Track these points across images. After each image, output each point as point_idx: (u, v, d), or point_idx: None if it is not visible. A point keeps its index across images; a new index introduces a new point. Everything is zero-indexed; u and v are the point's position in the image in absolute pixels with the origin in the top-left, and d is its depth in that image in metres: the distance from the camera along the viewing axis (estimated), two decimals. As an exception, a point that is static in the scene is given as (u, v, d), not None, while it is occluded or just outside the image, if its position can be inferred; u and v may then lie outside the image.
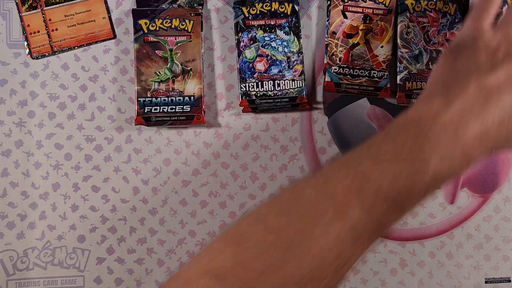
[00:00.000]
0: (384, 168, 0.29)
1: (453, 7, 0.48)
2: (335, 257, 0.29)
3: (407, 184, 0.29)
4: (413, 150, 0.30)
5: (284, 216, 0.30)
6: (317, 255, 0.29)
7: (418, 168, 0.29)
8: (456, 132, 0.30)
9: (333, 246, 0.29)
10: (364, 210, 0.29)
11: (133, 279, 0.47)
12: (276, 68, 0.46)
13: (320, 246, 0.29)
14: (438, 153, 0.29)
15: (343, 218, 0.29)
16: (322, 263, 0.29)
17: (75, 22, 0.47)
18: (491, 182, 0.49)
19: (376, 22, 0.47)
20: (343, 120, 0.48)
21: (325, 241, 0.29)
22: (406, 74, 0.47)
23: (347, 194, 0.30)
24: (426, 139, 0.30)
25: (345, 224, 0.29)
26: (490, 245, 0.49)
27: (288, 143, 0.48)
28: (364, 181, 0.29)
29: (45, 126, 0.47)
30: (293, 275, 0.28)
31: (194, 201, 0.47)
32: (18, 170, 0.46)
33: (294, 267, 0.29)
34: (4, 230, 0.46)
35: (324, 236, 0.29)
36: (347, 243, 0.29)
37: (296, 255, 0.29)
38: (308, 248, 0.29)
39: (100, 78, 0.47)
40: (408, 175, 0.29)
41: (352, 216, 0.29)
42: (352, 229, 0.29)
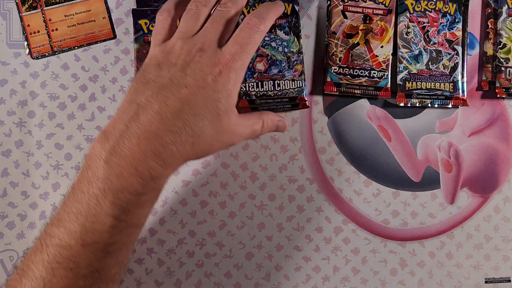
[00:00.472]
0: (70, 219, 0.33)
1: (453, 7, 0.48)
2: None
3: (91, 220, 0.33)
4: (87, 191, 0.33)
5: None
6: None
7: (95, 203, 0.33)
8: (117, 154, 0.33)
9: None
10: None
11: (133, 279, 0.47)
12: (276, 68, 0.46)
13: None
14: (103, 182, 0.33)
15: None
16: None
17: (75, 22, 0.47)
18: (491, 182, 0.49)
19: (376, 22, 0.47)
20: (343, 120, 0.48)
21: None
22: (406, 74, 0.47)
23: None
24: (92, 174, 0.33)
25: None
26: (490, 245, 0.49)
27: (288, 143, 0.48)
28: (49, 237, 0.33)
29: (45, 126, 0.47)
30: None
31: (194, 201, 0.47)
32: (18, 170, 0.46)
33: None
34: (4, 230, 0.46)
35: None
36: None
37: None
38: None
39: (100, 78, 0.47)
40: (87, 215, 0.33)
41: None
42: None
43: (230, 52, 0.36)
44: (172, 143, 0.33)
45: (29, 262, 0.33)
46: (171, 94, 0.34)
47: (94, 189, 0.33)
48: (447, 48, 0.47)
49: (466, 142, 0.49)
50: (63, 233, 0.33)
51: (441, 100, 0.47)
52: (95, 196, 0.32)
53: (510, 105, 0.49)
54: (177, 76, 0.35)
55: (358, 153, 0.48)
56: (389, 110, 0.48)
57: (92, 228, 0.32)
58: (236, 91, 0.36)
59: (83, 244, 0.32)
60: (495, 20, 0.48)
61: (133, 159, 0.32)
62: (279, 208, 0.48)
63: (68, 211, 0.33)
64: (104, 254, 0.33)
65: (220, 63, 0.35)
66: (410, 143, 0.48)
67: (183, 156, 0.34)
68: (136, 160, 0.32)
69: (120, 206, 0.33)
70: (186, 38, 0.37)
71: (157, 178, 0.34)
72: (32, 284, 0.32)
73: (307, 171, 0.48)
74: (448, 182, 0.49)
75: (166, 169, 0.34)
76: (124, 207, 0.33)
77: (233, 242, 0.48)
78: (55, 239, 0.33)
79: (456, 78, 0.47)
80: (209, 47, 0.36)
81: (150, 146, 0.33)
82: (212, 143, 0.36)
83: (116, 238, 0.33)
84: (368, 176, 0.48)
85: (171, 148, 0.33)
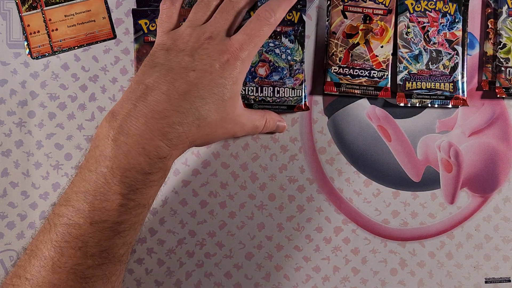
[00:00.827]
0: (79, 198, 0.33)
1: (453, 7, 0.48)
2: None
3: (99, 199, 0.33)
4: (95, 169, 0.33)
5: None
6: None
7: (103, 181, 0.33)
8: (125, 133, 0.33)
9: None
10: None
11: (133, 279, 0.47)
12: (278, 75, 0.46)
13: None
14: (111, 161, 0.33)
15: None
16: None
17: (75, 22, 0.47)
18: (491, 182, 0.49)
19: (376, 22, 0.47)
20: (343, 120, 0.48)
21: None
22: (406, 74, 0.47)
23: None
24: (100, 154, 0.34)
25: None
26: (490, 245, 0.49)
27: (288, 143, 0.48)
28: (58, 217, 0.34)
29: (45, 126, 0.47)
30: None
31: (194, 201, 0.47)
32: (18, 170, 0.46)
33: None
34: (4, 230, 0.46)
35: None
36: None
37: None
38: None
39: (100, 78, 0.47)
40: (96, 194, 0.33)
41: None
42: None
43: (238, 42, 0.37)
44: (179, 123, 0.34)
45: (38, 242, 0.33)
46: (179, 76, 0.35)
47: (102, 167, 0.33)
48: (447, 48, 0.47)
49: (466, 142, 0.49)
50: (72, 212, 0.33)
51: (441, 100, 0.47)
52: (103, 175, 0.33)
53: (510, 105, 0.49)
54: (185, 60, 0.36)
55: (358, 153, 0.48)
56: (389, 110, 0.48)
57: (101, 207, 0.32)
58: (241, 80, 0.37)
59: (91, 223, 0.32)
60: (495, 20, 0.48)
61: (141, 137, 0.33)
62: (279, 208, 0.48)
63: (76, 191, 0.33)
64: (113, 233, 0.33)
65: (228, 51, 0.36)
66: (410, 143, 0.48)
67: (189, 137, 0.35)
68: (143, 139, 0.33)
69: (128, 184, 0.33)
70: (195, 26, 0.38)
71: (164, 157, 0.34)
72: (41, 264, 0.32)
73: (307, 171, 0.48)
74: (448, 182, 0.49)
75: (172, 149, 0.34)
76: (132, 185, 0.33)
77: (233, 242, 0.48)
78: (64, 218, 0.33)
79: (456, 78, 0.47)
80: (217, 35, 0.37)
81: (157, 126, 0.33)
82: (216, 129, 0.37)
83: (124, 217, 0.33)
84: (368, 176, 0.48)
85: (178, 128, 0.34)
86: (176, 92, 0.34)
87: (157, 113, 0.33)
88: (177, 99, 0.34)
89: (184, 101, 0.34)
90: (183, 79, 0.35)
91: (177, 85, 0.34)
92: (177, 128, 0.34)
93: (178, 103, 0.34)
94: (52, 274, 0.32)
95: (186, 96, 0.34)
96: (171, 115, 0.34)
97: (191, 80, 0.35)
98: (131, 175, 0.33)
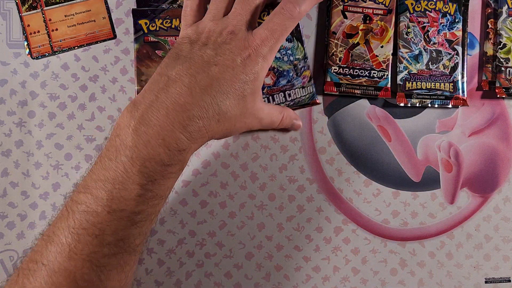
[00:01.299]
0: (98, 186, 0.33)
1: (453, 7, 0.48)
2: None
3: (118, 188, 0.33)
4: (115, 158, 0.34)
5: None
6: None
7: (122, 170, 0.33)
8: (146, 123, 0.33)
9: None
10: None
11: (133, 279, 0.47)
12: (284, 79, 0.46)
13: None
14: (131, 150, 0.33)
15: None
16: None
17: (75, 22, 0.47)
18: (491, 182, 0.49)
19: (376, 22, 0.47)
20: (343, 120, 0.48)
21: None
22: (406, 74, 0.47)
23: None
24: (121, 141, 0.34)
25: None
26: (490, 245, 0.49)
27: (288, 143, 0.48)
28: (76, 204, 0.34)
29: (45, 126, 0.47)
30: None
31: (194, 201, 0.47)
32: (18, 170, 0.46)
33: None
34: (4, 230, 0.46)
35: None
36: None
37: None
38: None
39: (100, 78, 0.47)
40: (115, 182, 0.33)
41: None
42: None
43: (260, 37, 0.37)
44: (199, 117, 0.34)
45: (55, 228, 0.33)
46: (201, 70, 0.35)
47: (122, 156, 0.33)
48: (447, 48, 0.47)
49: (466, 142, 0.49)
50: (90, 199, 0.33)
51: (441, 100, 0.47)
52: (123, 164, 0.33)
53: (510, 105, 0.49)
54: (208, 54, 0.36)
55: (358, 153, 0.48)
56: (389, 110, 0.48)
57: (119, 196, 0.33)
58: (262, 76, 0.38)
59: (109, 211, 0.32)
60: (495, 20, 0.48)
61: (161, 128, 0.33)
62: (279, 208, 0.48)
63: (96, 178, 0.33)
64: (130, 223, 0.33)
65: (250, 47, 0.36)
66: (410, 143, 0.48)
67: (208, 132, 0.35)
68: (164, 130, 0.33)
69: (147, 175, 0.33)
70: (217, 20, 0.38)
71: (183, 150, 0.34)
72: (57, 250, 0.32)
73: (307, 171, 0.48)
74: (448, 182, 0.49)
75: (192, 143, 0.35)
76: (151, 176, 0.33)
77: (233, 242, 0.48)
78: (82, 205, 0.33)
79: (456, 78, 0.47)
80: (240, 30, 0.37)
81: (178, 118, 0.33)
82: (235, 123, 0.37)
83: (141, 207, 0.33)
84: (368, 176, 0.48)
85: (198, 122, 0.34)
86: (198, 86, 0.34)
87: (178, 106, 0.34)
88: (199, 93, 0.34)
89: (205, 95, 0.34)
90: (205, 73, 0.35)
91: (199, 79, 0.35)
92: (198, 122, 0.34)
93: (200, 96, 0.34)
94: (69, 261, 0.32)
95: (207, 90, 0.34)
96: (192, 108, 0.34)
97: (213, 74, 0.35)
98: (150, 165, 0.33)
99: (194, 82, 0.35)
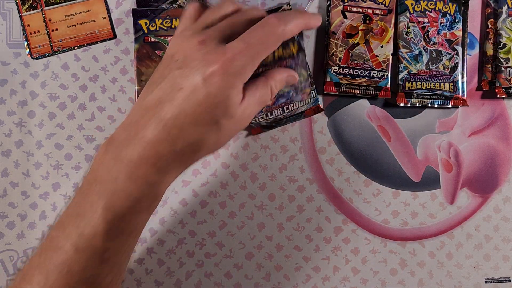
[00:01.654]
0: (68, 221, 0.33)
1: (453, 7, 0.48)
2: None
3: (84, 224, 0.32)
4: (85, 193, 0.33)
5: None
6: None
7: (90, 206, 0.32)
8: (117, 159, 0.32)
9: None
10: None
11: (133, 279, 0.47)
12: (284, 98, 0.46)
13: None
14: (100, 185, 0.32)
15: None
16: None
17: (75, 22, 0.47)
18: (491, 182, 0.49)
19: (376, 22, 0.47)
20: (343, 120, 0.48)
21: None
22: (406, 74, 0.47)
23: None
24: (93, 178, 0.33)
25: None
26: (490, 245, 0.49)
27: (288, 143, 0.48)
28: (49, 241, 0.33)
29: (45, 126, 0.47)
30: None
31: (194, 201, 0.47)
32: (18, 170, 0.46)
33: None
34: (4, 230, 0.46)
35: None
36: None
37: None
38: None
39: (100, 78, 0.47)
40: (82, 218, 0.32)
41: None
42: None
43: (233, 50, 0.32)
44: (169, 152, 0.32)
45: (29, 265, 0.33)
46: (168, 99, 0.32)
47: (91, 191, 0.32)
48: (447, 48, 0.47)
49: (466, 142, 0.49)
50: (60, 236, 0.32)
51: (441, 100, 0.47)
52: (91, 199, 0.32)
53: (510, 105, 0.49)
54: (175, 75, 0.33)
55: (358, 153, 0.48)
56: (389, 110, 0.48)
57: (86, 232, 0.32)
58: (235, 94, 0.33)
59: (77, 249, 0.32)
60: (495, 20, 0.48)
61: (130, 163, 0.32)
62: (279, 208, 0.48)
63: (68, 214, 0.33)
64: (98, 260, 0.32)
65: (217, 61, 0.31)
66: (410, 143, 0.48)
67: (182, 163, 0.34)
68: (133, 165, 0.32)
69: (114, 211, 0.32)
70: (197, 29, 0.35)
71: (154, 184, 0.33)
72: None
73: (307, 171, 0.48)
74: (448, 182, 0.49)
75: (163, 176, 0.33)
76: (118, 212, 0.32)
77: (233, 242, 0.48)
78: (52, 242, 0.33)
79: (456, 78, 0.47)
80: (211, 41, 0.32)
81: (147, 154, 0.32)
82: (214, 146, 0.34)
83: (109, 244, 0.32)
84: (368, 176, 0.48)
85: (168, 156, 0.32)
86: (164, 118, 0.32)
87: (146, 142, 0.32)
88: (166, 126, 0.32)
89: (173, 128, 0.32)
90: (171, 102, 0.32)
91: (166, 110, 0.32)
92: (167, 156, 0.32)
93: (168, 130, 0.32)
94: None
95: (175, 122, 0.32)
96: (160, 143, 0.32)
97: (178, 103, 0.32)
98: (118, 201, 0.32)
99: (161, 114, 0.32)
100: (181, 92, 0.32)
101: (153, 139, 0.32)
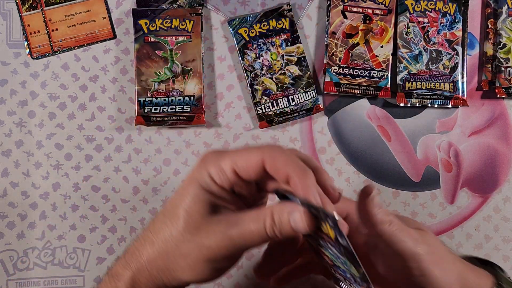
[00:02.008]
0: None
1: (453, 7, 0.48)
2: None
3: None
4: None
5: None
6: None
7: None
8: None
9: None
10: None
11: (133, 279, 0.47)
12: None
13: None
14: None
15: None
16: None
17: (75, 22, 0.47)
18: (491, 182, 0.49)
19: (376, 22, 0.47)
20: (343, 120, 0.48)
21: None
22: (406, 74, 0.47)
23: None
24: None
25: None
26: (490, 245, 0.49)
27: (288, 143, 0.48)
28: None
29: (45, 126, 0.47)
30: None
31: (194, 201, 0.47)
32: (18, 170, 0.46)
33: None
34: (4, 230, 0.46)
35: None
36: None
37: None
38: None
39: (100, 78, 0.47)
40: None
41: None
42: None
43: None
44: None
45: None
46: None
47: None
48: (447, 48, 0.47)
49: (466, 142, 0.49)
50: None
51: (441, 100, 0.47)
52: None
53: (510, 105, 0.49)
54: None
55: (358, 153, 0.48)
56: (389, 110, 0.48)
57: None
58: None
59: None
60: (495, 20, 0.48)
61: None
62: (279, 208, 0.48)
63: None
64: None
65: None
66: (410, 143, 0.48)
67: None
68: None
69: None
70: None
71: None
72: None
73: (307, 171, 0.48)
74: (448, 182, 0.49)
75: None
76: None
77: (233, 242, 0.48)
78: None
79: (456, 78, 0.47)
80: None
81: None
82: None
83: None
84: (368, 176, 0.48)
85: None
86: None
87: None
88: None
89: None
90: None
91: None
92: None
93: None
94: None
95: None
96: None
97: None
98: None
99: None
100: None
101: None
